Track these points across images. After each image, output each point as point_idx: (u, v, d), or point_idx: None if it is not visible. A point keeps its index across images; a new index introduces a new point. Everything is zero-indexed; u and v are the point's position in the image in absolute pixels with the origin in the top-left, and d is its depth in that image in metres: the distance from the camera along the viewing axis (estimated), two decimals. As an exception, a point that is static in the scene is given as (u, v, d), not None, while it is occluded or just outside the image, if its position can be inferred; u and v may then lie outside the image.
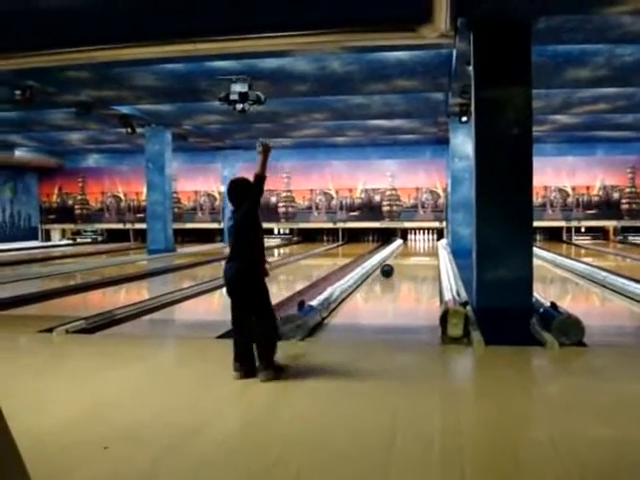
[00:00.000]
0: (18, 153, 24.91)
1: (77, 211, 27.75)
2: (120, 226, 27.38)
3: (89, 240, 27.91)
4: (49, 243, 27.20)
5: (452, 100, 15.07)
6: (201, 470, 3.33)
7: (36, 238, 27.81)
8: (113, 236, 27.57)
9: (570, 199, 24.66)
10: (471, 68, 7.98)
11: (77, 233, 28.55)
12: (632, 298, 9.36)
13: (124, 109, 17.05)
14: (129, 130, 18.01)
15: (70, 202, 27.84)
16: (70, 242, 27.52)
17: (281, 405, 4.47)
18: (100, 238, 27.97)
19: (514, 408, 4.44)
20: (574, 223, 24.81)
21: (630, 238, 24.04)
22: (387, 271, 13.03)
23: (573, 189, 24.63)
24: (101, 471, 3.28)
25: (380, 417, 4.14)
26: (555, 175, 24.33)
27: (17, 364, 5.77)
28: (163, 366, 6.00)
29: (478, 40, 7.83)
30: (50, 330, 7.01)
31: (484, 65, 7.79)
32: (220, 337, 6.77)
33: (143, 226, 22.72)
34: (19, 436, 2.14)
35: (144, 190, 22.15)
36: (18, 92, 12.89)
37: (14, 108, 15.56)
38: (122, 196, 27.34)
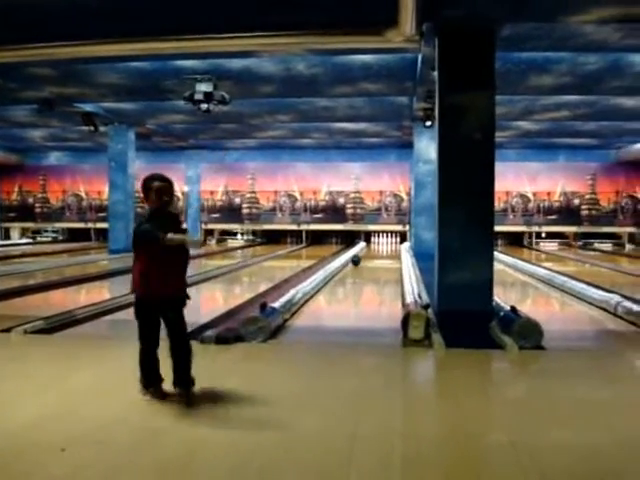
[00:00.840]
0: (-23, 150, 24.50)
1: (37, 209, 27.37)
2: (81, 225, 27.05)
3: (49, 239, 27.52)
4: (8, 242, 26.74)
5: (417, 104, 15.17)
6: (162, 472, 3.30)
7: (-5, 236, 27.36)
8: (74, 235, 27.22)
9: (531, 204, 24.98)
10: (436, 73, 8.05)
11: (37, 232, 28.14)
12: (591, 303, 9.49)
13: (87, 107, 16.85)
14: (92, 128, 17.80)
15: (30, 200, 27.43)
16: (30, 241, 27.11)
17: (244, 408, 4.44)
18: (60, 237, 27.60)
19: (474, 411, 4.47)
20: (535, 228, 25.14)
21: (595, 245, 24.49)
22: (356, 261, 16.44)
23: (534, 195, 24.95)
24: (59, 474, 3.23)
25: (341, 420, 4.14)
26: (517, 180, 24.65)
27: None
28: (123, 367, 5.92)
29: (443, 45, 7.90)
30: (8, 330, 6.89)
31: (448, 70, 7.85)
32: (181, 338, 6.72)
33: (105, 225, 22.48)
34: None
35: (106, 189, 21.91)
36: (-22, 87, 12.69)
37: (-27, 104, 15.32)
38: (84, 195, 27.02)
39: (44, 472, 3.26)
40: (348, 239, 25.95)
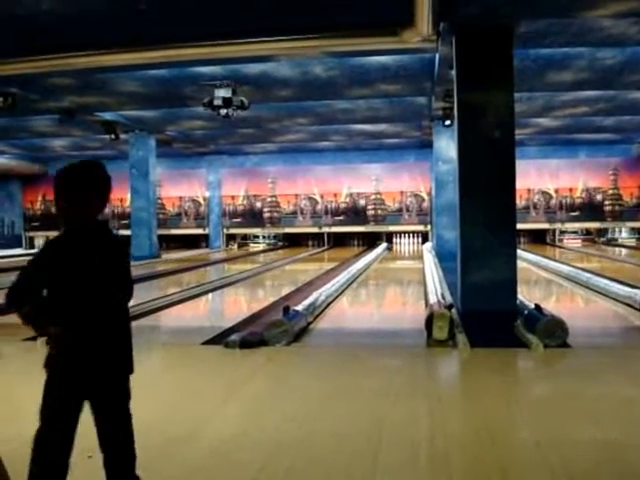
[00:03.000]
0: (1, 160, 24.76)
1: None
2: (105, 233, 27.21)
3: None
4: (33, 251, 27.01)
5: (435, 104, 15.12)
6: (190, 475, 3.32)
7: (20, 245, 27.63)
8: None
9: (553, 201, 24.80)
10: (454, 72, 8.03)
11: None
12: (615, 299, 9.42)
13: (107, 115, 16.99)
14: (112, 136, 17.96)
15: (54, 209, 27.63)
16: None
17: (267, 412, 4.45)
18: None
19: (500, 411, 4.45)
20: (558, 225, 24.96)
21: (619, 240, 24.30)
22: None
23: (556, 191, 24.77)
24: None
25: (367, 422, 4.14)
26: (538, 177, 24.47)
27: (2, 372, 5.72)
28: (149, 373, 5.96)
29: (460, 44, 7.88)
30: (34, 338, 6.96)
31: (466, 69, 7.83)
32: (205, 343, 6.77)
33: (128, 232, 22.63)
34: None
35: (128, 196, 22.07)
36: (0, 99, 12.82)
37: (-4, 115, 15.49)
38: (106, 203, 27.20)
39: (71, 478, 3.28)
40: (370, 240, 25.93)
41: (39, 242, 28.44)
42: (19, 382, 5.28)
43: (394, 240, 26.34)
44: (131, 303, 2.93)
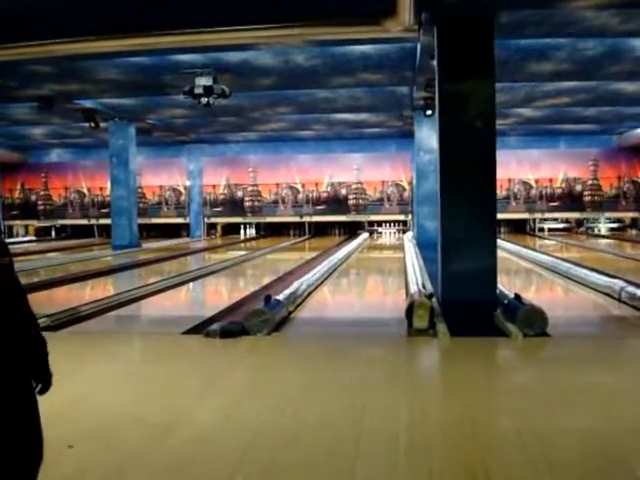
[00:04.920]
0: (-21, 148, 24.52)
1: (40, 207, 27.36)
2: (84, 222, 27.06)
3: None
4: (11, 240, 26.78)
5: (417, 94, 15.14)
6: (170, 469, 3.31)
7: (-2, 234, 27.35)
8: (77, 232, 27.24)
9: (533, 191, 24.93)
10: (435, 62, 8.03)
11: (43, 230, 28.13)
12: (595, 289, 9.49)
13: (87, 103, 16.83)
14: (92, 124, 17.83)
15: (33, 198, 27.42)
16: (32, 238, 27.15)
17: (248, 401, 4.45)
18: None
19: (480, 399, 4.48)
20: (537, 215, 25.11)
21: (596, 230, 24.51)
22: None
23: (536, 181, 24.90)
24: (68, 471, 3.24)
25: (348, 411, 4.15)
26: (519, 168, 24.58)
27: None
28: (130, 363, 5.96)
29: (442, 34, 7.87)
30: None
31: (448, 59, 7.83)
32: (185, 333, 6.76)
33: (108, 221, 22.52)
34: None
35: (108, 185, 21.93)
36: (-22, 86, 12.68)
37: (-26, 103, 15.32)
38: (86, 191, 27.02)
39: (53, 469, 3.27)
40: (351, 230, 25.97)
41: (18, 231, 28.23)
42: None
43: (375, 229, 26.39)
44: (112, 292, 2.88)
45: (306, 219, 26.00)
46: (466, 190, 7.60)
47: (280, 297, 7.63)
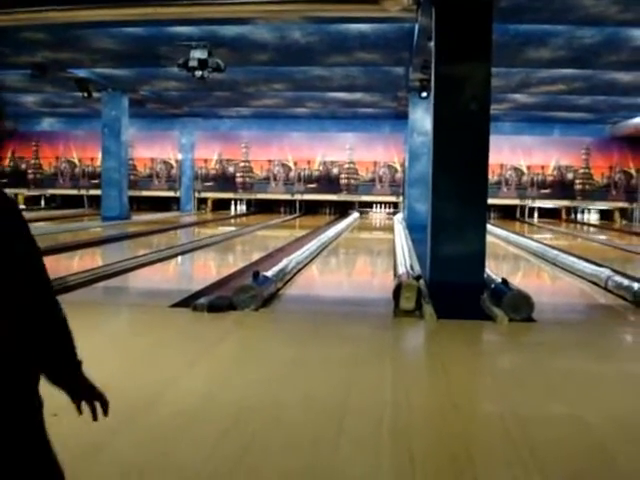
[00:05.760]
0: (-31, 114, 24.28)
1: (30, 176, 27.17)
2: (74, 192, 26.91)
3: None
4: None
5: (412, 75, 15.08)
6: (153, 441, 3.33)
7: (-13, 202, 27.18)
8: (67, 202, 27.09)
9: (525, 178, 24.96)
10: (432, 43, 7.99)
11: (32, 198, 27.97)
12: (582, 277, 9.55)
13: (81, 72, 16.69)
14: (85, 94, 17.68)
15: (23, 166, 27.22)
16: (23, 207, 27.01)
17: (235, 375, 4.48)
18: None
19: (464, 382, 4.52)
20: (528, 202, 25.15)
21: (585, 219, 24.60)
22: None
23: (528, 168, 24.92)
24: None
25: (332, 388, 4.18)
26: (511, 153, 24.57)
27: None
28: (115, 334, 5.96)
29: (440, 15, 7.82)
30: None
31: (445, 41, 7.79)
32: (173, 306, 6.76)
33: (98, 192, 22.41)
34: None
35: (99, 156, 21.80)
36: (-30, 51, 12.54)
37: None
38: (77, 161, 26.85)
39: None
40: (341, 209, 25.95)
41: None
42: None
43: (365, 210, 26.36)
44: (100, 263, 2.83)
45: (297, 197, 25.94)
46: (458, 173, 7.60)
47: (269, 274, 7.64)
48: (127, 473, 2.92)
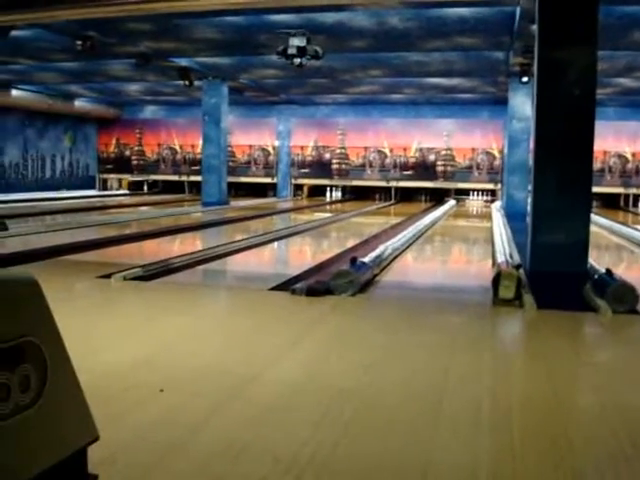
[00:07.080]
0: (78, 103, 25.30)
1: (134, 162, 28.09)
2: (175, 178, 27.66)
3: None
4: (106, 192, 27.67)
5: (513, 59, 14.76)
6: (251, 420, 3.40)
7: (93, 187, 28.30)
8: (168, 187, 27.89)
9: (630, 165, 24.05)
10: (535, 27, 7.81)
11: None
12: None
13: (182, 61, 17.13)
14: (187, 83, 18.11)
15: (127, 153, 28.17)
16: (126, 192, 27.96)
17: (333, 358, 4.53)
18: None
19: (564, 373, 4.43)
20: (633, 190, 24.21)
21: None
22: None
23: (633, 155, 24.00)
24: (157, 415, 3.37)
25: (430, 374, 4.18)
26: (615, 140, 23.69)
27: (76, 307, 5.93)
28: (217, 315, 6.13)
29: (544, -2, 7.65)
30: (108, 276, 7.20)
31: (549, 24, 7.61)
32: (272, 289, 6.89)
33: (198, 178, 22.97)
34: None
35: (199, 143, 22.33)
36: (79, 42, 13.02)
37: (75, 58, 15.79)
38: (178, 148, 27.56)
39: (140, 412, 3.41)
40: (437, 197, 25.68)
41: (112, 184, 29.10)
42: (92, 318, 5.48)
43: (462, 197, 25.99)
44: (200, 247, 2.90)
45: (392, 184, 25.83)
46: (561, 160, 7.42)
47: (366, 260, 7.67)
48: (229, 448, 3.00)
